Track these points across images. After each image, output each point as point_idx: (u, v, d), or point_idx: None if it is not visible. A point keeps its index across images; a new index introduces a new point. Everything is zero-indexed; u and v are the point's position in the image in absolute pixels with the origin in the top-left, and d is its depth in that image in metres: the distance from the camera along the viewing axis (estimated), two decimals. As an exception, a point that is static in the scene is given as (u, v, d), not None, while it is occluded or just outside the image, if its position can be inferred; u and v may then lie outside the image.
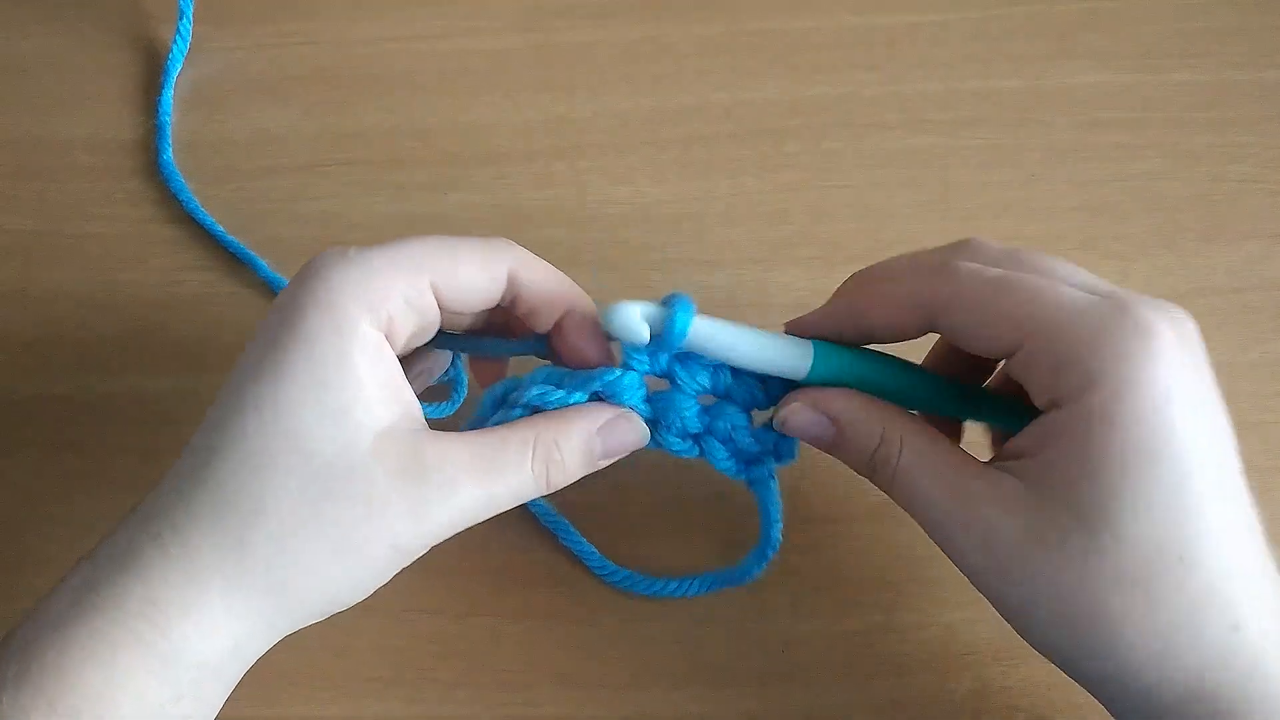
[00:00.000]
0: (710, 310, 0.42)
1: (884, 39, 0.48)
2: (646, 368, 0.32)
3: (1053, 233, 0.44)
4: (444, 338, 0.33)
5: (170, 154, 0.45)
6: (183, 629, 0.27)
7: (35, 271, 0.44)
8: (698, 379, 0.32)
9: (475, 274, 0.30)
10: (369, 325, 0.28)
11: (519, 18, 0.50)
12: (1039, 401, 0.28)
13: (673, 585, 0.36)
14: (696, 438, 0.33)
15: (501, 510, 0.30)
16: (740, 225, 0.44)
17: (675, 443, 0.33)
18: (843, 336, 0.32)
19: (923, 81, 0.47)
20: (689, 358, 0.32)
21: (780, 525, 0.35)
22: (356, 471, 0.28)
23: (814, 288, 0.43)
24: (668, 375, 0.32)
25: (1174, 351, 0.26)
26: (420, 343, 0.32)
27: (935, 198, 0.45)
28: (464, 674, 0.36)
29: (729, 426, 0.33)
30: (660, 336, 0.30)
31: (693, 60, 0.48)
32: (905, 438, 0.30)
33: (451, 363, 0.37)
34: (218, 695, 0.29)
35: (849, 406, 0.31)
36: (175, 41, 0.47)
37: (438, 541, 0.30)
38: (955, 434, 0.35)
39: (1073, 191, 0.45)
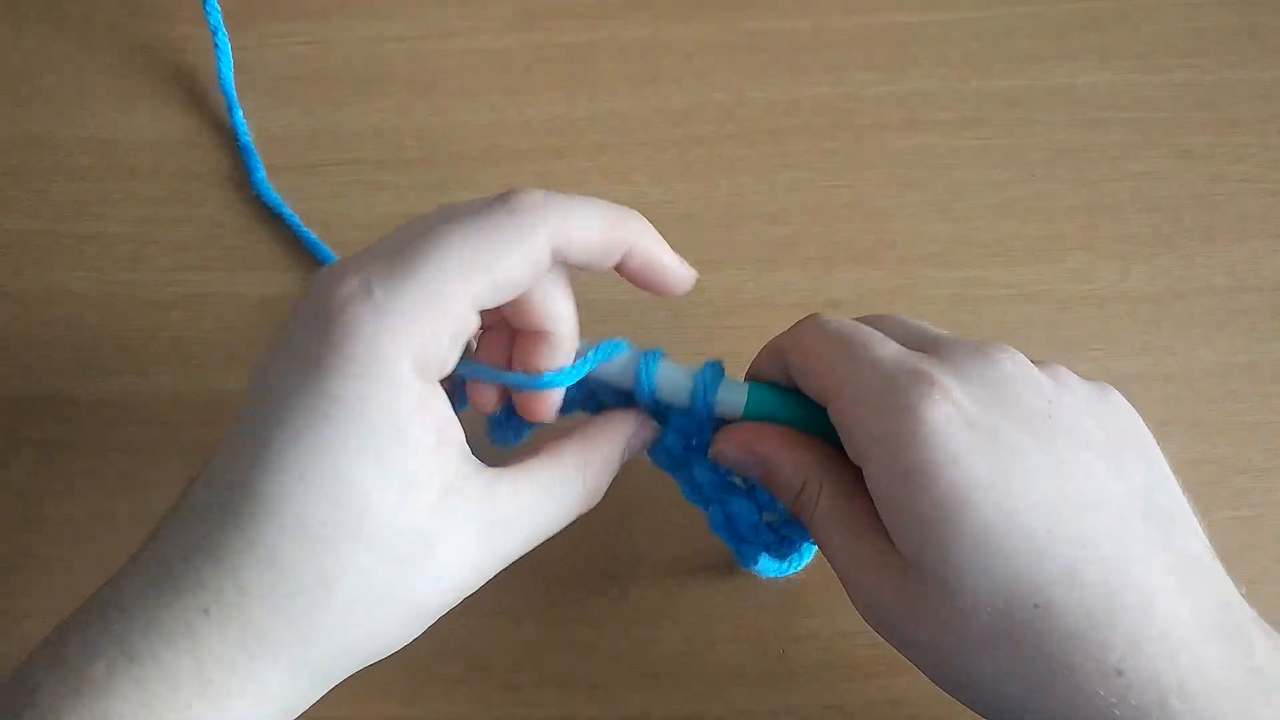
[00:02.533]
0: (711, 311, 0.42)
1: (884, 39, 0.48)
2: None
3: (1053, 233, 0.44)
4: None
5: (255, 158, 0.45)
6: (238, 705, 0.25)
7: (35, 271, 0.43)
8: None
9: (518, 270, 0.27)
10: (418, 377, 0.26)
11: (519, 18, 0.49)
12: (852, 458, 0.28)
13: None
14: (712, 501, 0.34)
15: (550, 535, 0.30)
16: (740, 225, 0.44)
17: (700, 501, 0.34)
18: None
19: (923, 81, 0.47)
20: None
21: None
22: (431, 539, 0.26)
23: (814, 288, 0.43)
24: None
25: (958, 406, 0.26)
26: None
27: (935, 198, 0.45)
28: (464, 674, 0.36)
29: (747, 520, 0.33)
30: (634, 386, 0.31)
31: (693, 60, 0.48)
32: (825, 486, 0.29)
33: None
34: None
35: (776, 449, 0.30)
36: (216, 41, 0.46)
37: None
38: None
39: (1073, 191, 0.45)
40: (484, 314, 0.28)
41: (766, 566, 0.35)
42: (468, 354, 0.31)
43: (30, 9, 0.50)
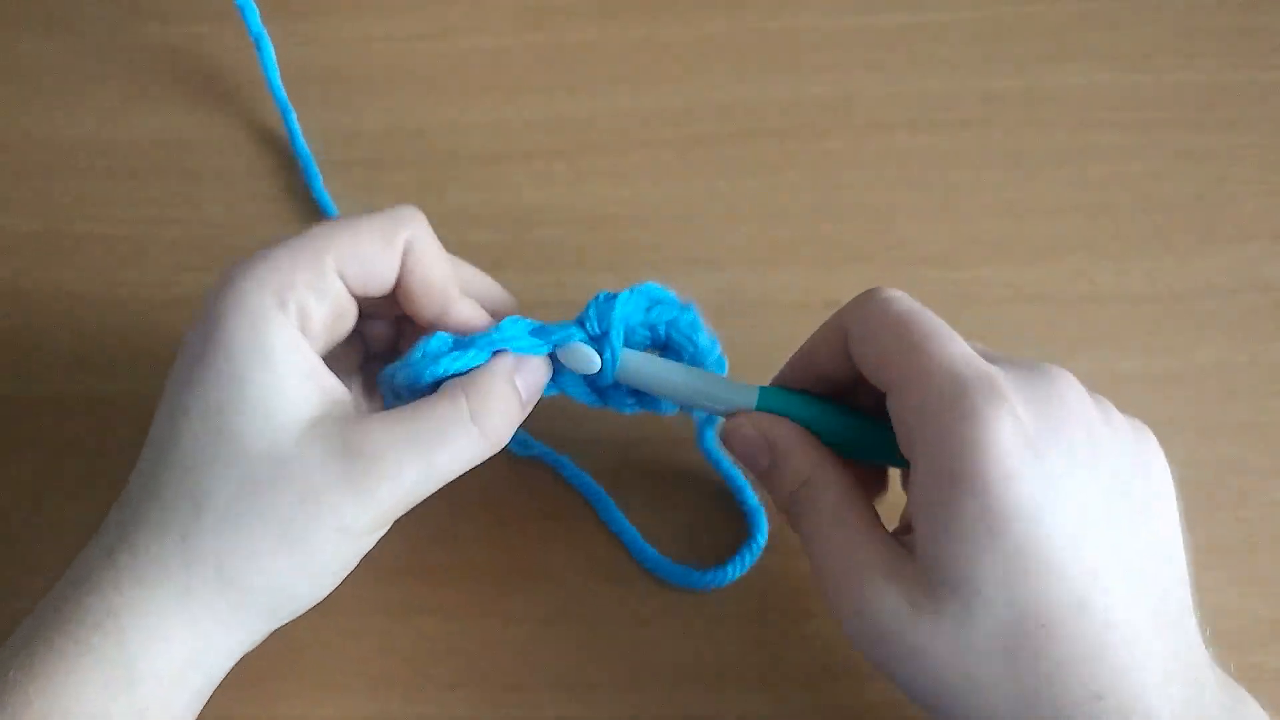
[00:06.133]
0: (711, 311, 0.42)
1: (884, 39, 0.48)
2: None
3: (1053, 233, 0.44)
4: None
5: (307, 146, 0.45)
6: (139, 638, 0.27)
7: (35, 271, 0.44)
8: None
9: (376, 248, 0.30)
10: (280, 318, 0.29)
11: (519, 17, 0.49)
12: (902, 449, 0.28)
13: (695, 576, 0.37)
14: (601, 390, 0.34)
15: (448, 479, 0.30)
16: (740, 225, 0.44)
17: (581, 391, 0.34)
18: (805, 384, 0.33)
19: (923, 81, 0.47)
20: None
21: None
22: (288, 461, 0.28)
23: (814, 288, 0.43)
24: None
25: (1020, 424, 0.26)
26: (342, 331, 0.32)
27: (935, 198, 0.45)
28: (462, 674, 0.36)
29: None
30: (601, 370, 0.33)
31: (693, 60, 0.48)
32: (830, 485, 0.30)
33: None
34: (187, 708, 0.29)
35: (788, 438, 0.31)
36: (259, 46, 0.45)
37: (390, 521, 0.30)
38: (882, 484, 0.35)
39: (1073, 191, 0.45)
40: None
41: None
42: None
43: (31, 9, 0.50)
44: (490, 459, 0.31)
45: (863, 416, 0.32)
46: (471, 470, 0.31)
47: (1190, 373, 0.41)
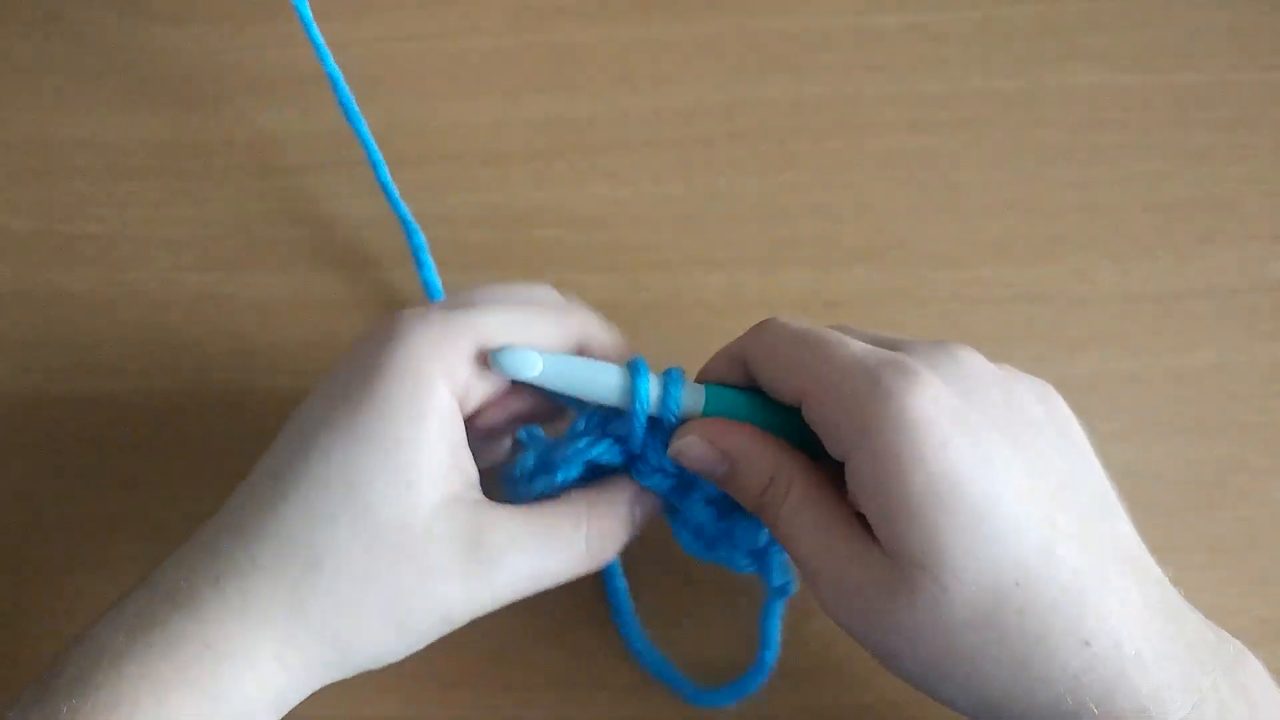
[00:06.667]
0: (712, 311, 0.42)
1: (884, 39, 0.48)
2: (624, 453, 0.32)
3: (1053, 233, 0.44)
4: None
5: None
6: (234, 674, 0.27)
7: (35, 271, 0.44)
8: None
9: (551, 343, 0.31)
10: (445, 390, 0.29)
11: (519, 18, 0.49)
12: (832, 453, 0.29)
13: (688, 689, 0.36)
14: (712, 540, 0.34)
15: (548, 586, 0.31)
16: (740, 225, 0.44)
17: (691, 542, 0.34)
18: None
19: (923, 81, 0.47)
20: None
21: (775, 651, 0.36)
22: (416, 538, 0.28)
23: (814, 288, 0.43)
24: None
25: (939, 393, 0.27)
26: (489, 403, 0.32)
27: (935, 198, 0.45)
28: (463, 675, 0.36)
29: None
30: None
31: (693, 60, 0.48)
32: (794, 481, 0.30)
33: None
34: None
35: (742, 444, 0.30)
36: (311, 37, 0.44)
37: (485, 613, 0.30)
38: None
39: (1073, 191, 0.45)
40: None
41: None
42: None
43: (31, 9, 0.50)
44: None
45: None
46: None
47: (1190, 373, 0.41)
